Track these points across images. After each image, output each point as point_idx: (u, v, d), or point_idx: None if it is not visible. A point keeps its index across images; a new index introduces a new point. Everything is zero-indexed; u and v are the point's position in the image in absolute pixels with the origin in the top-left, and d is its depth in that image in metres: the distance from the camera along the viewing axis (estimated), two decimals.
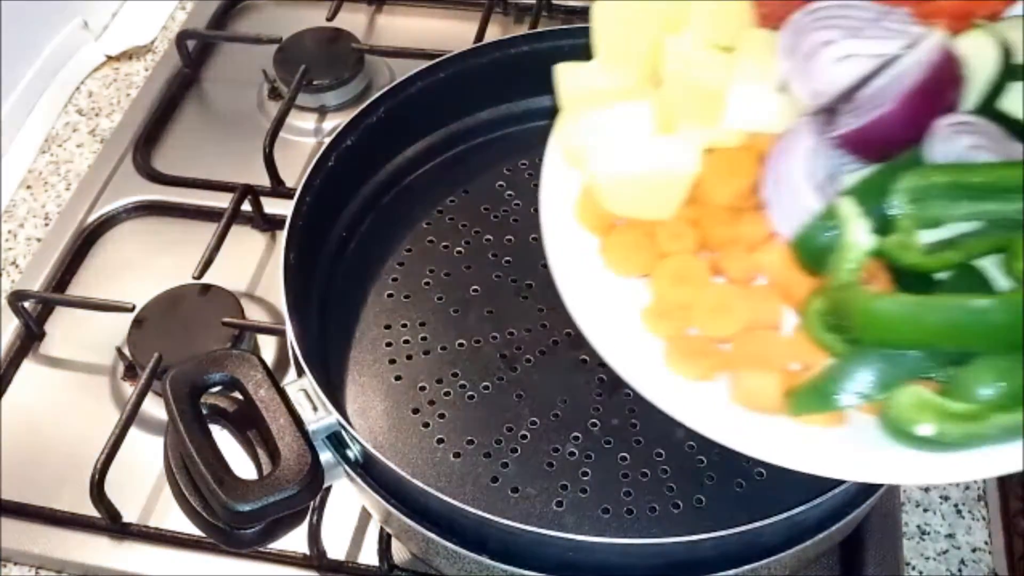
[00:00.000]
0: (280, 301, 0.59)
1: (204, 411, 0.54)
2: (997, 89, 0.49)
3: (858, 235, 0.46)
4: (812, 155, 0.49)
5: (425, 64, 0.69)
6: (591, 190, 0.55)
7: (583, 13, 0.58)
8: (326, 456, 0.55)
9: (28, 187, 0.93)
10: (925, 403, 0.43)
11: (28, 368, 0.79)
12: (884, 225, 0.47)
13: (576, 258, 0.54)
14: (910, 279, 0.47)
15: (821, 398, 0.45)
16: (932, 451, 0.44)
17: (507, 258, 0.67)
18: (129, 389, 0.76)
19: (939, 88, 0.48)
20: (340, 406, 0.61)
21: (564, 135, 0.57)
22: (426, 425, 0.60)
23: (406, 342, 0.64)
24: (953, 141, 0.47)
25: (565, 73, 0.58)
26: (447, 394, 0.61)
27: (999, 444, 0.43)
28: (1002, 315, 0.42)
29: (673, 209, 0.53)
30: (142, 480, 0.72)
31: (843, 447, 0.46)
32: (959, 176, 0.46)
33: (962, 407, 0.43)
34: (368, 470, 0.55)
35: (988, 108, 0.49)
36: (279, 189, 0.87)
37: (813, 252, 0.48)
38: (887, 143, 0.48)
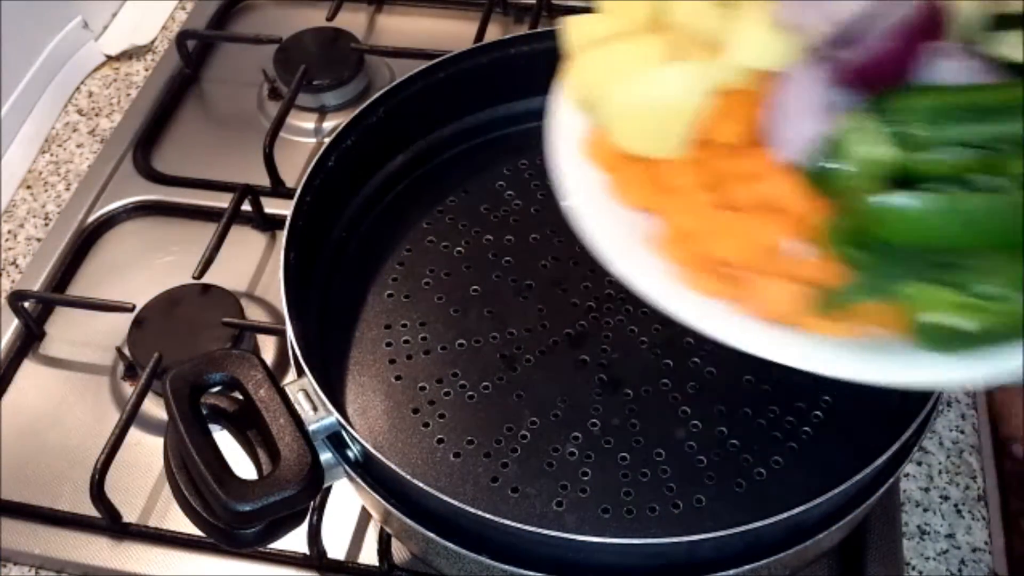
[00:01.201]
0: (280, 301, 0.59)
1: (204, 411, 0.54)
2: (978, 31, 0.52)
3: (873, 147, 0.49)
4: (811, 87, 0.53)
5: (425, 64, 0.69)
6: (602, 128, 0.57)
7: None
8: (326, 456, 0.54)
9: (28, 187, 0.93)
10: (937, 297, 0.46)
11: (28, 368, 0.79)
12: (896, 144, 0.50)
13: (590, 192, 0.56)
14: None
15: (837, 300, 0.49)
16: (939, 351, 0.47)
17: (507, 258, 0.67)
18: (129, 389, 0.76)
19: (928, 28, 0.51)
20: (340, 406, 0.61)
21: (575, 75, 0.58)
22: (426, 425, 0.60)
23: (406, 342, 0.64)
24: (958, 62, 0.50)
25: (573, 24, 0.59)
26: (447, 394, 0.61)
27: (999, 344, 0.46)
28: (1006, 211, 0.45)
29: (680, 145, 0.56)
30: (142, 480, 0.72)
31: (851, 351, 0.49)
32: (965, 97, 0.48)
33: (970, 299, 0.46)
34: (368, 470, 0.55)
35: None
36: (279, 189, 0.87)
37: (818, 176, 0.52)
38: (879, 77, 0.52)
